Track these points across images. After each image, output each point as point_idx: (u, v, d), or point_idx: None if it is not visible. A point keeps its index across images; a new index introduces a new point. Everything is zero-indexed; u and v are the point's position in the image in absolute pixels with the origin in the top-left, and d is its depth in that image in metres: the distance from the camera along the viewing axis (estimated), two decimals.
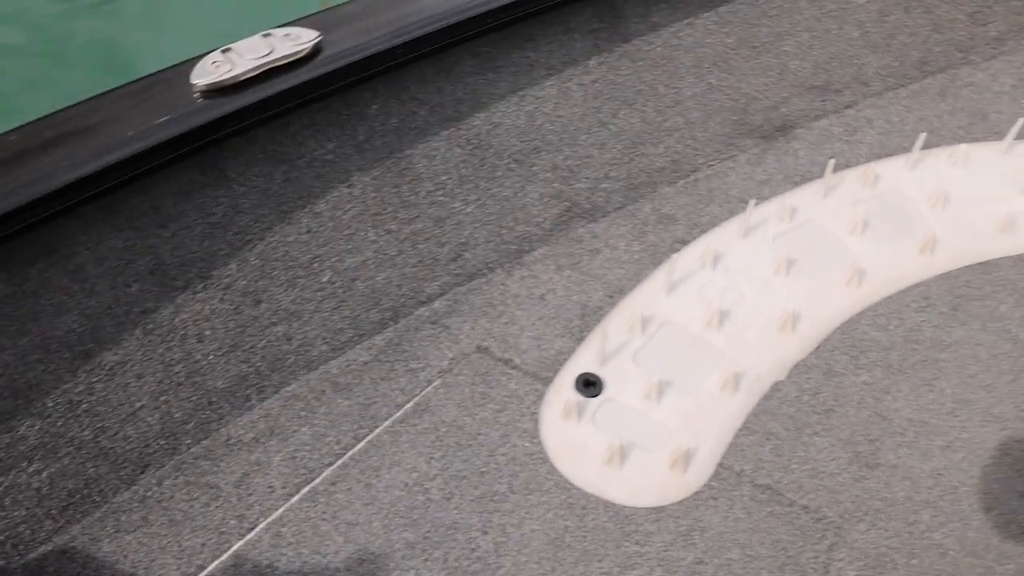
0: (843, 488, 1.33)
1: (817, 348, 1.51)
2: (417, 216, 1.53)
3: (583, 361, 1.48)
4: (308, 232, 1.45)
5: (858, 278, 1.57)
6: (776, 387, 1.46)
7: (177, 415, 1.37)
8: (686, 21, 1.74)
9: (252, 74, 1.29)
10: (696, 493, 1.34)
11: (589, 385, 1.45)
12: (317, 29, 1.34)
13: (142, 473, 1.36)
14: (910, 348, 1.50)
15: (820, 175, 1.77)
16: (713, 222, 1.70)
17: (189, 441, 1.38)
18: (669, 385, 1.44)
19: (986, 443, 1.38)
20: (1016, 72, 1.98)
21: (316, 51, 1.34)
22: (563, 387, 1.45)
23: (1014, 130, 1.79)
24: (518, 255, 1.61)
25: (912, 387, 1.46)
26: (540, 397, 1.45)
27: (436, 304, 1.56)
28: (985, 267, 1.63)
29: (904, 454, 1.37)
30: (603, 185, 1.68)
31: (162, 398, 1.35)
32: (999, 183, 1.75)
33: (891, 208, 1.72)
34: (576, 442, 1.39)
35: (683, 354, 1.50)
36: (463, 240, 1.57)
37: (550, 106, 1.64)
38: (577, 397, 1.43)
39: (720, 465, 1.37)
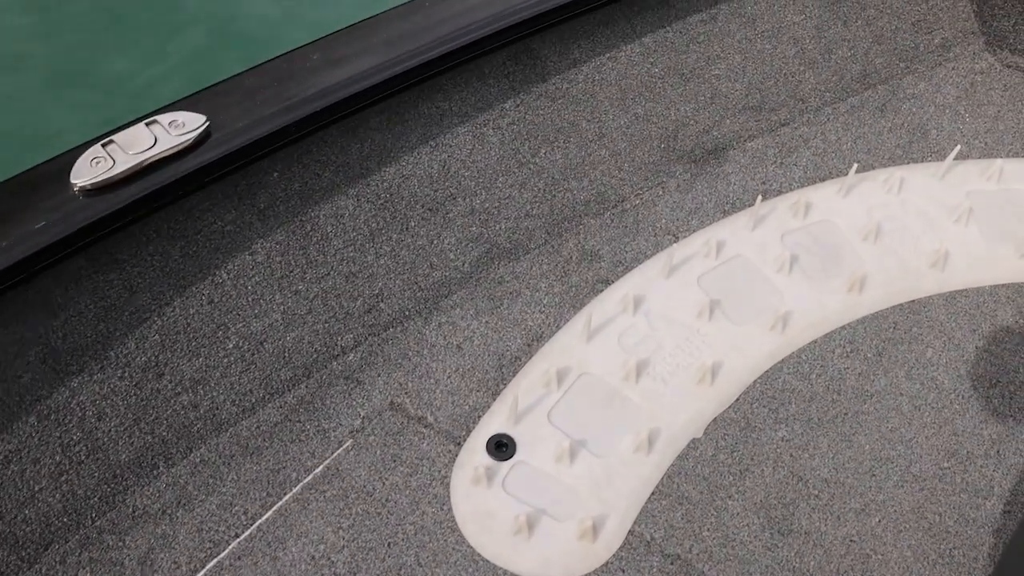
0: (754, 558, 1.32)
1: (737, 400, 1.48)
2: (327, 274, 1.48)
3: (496, 420, 1.44)
4: (210, 303, 1.40)
5: (782, 323, 1.54)
6: (693, 445, 1.44)
7: (80, 492, 1.33)
8: (608, 55, 1.66)
9: (135, 169, 1.21)
10: (605, 564, 1.33)
11: (501, 447, 1.42)
12: (205, 112, 1.26)
13: (45, 550, 1.33)
14: (831, 399, 1.48)
15: (752, 201, 1.72)
16: (638, 257, 1.65)
17: (94, 514, 1.34)
18: (582, 446, 1.42)
19: (902, 505, 1.37)
20: (961, 80, 1.92)
21: (204, 137, 1.26)
22: (475, 449, 1.42)
23: (950, 157, 1.74)
24: (436, 301, 1.56)
25: (831, 443, 1.44)
26: (452, 459, 1.42)
27: (350, 356, 1.51)
28: (914, 306, 1.60)
29: (817, 519, 1.35)
30: (524, 223, 1.62)
31: (63, 478, 1.32)
32: (933, 212, 1.71)
33: (821, 241, 1.68)
34: (485, 510, 1.36)
35: (599, 411, 1.47)
36: (377, 291, 1.52)
37: (464, 152, 1.57)
38: (488, 460, 1.40)
39: (631, 532, 1.35)
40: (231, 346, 1.42)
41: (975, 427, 1.45)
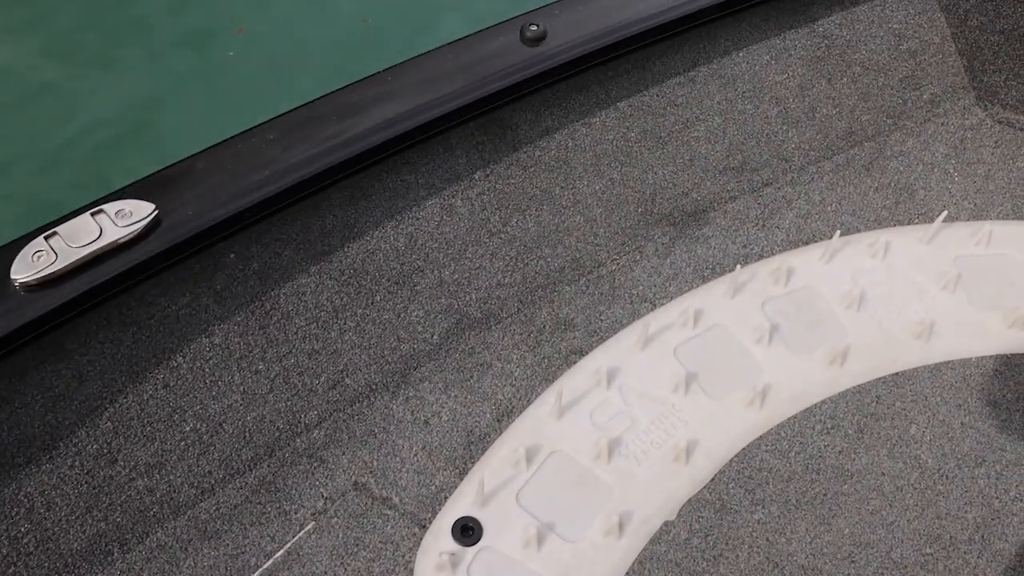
0: None
1: (712, 480, 1.43)
2: (288, 352, 1.44)
3: (463, 502, 1.40)
4: (165, 387, 1.36)
5: (760, 398, 1.49)
6: (666, 528, 1.39)
7: None
8: (582, 121, 1.62)
9: (79, 263, 1.18)
10: None
11: (467, 532, 1.38)
12: (154, 200, 1.22)
13: None
14: (810, 479, 1.43)
15: (732, 265, 1.68)
16: (614, 326, 1.61)
17: None
18: (551, 529, 1.37)
19: None
20: (950, 137, 1.88)
21: (153, 226, 1.23)
22: (440, 532, 1.37)
23: (938, 221, 1.69)
24: (404, 375, 1.52)
25: (809, 526, 1.38)
26: (417, 543, 1.37)
27: (315, 434, 1.47)
28: (898, 379, 1.55)
29: None
30: (496, 293, 1.58)
31: (10, 570, 1.27)
32: (920, 278, 1.66)
33: (803, 310, 1.63)
34: None
35: (569, 492, 1.42)
36: (342, 367, 1.48)
37: (432, 224, 1.53)
38: (453, 545, 1.36)
39: None
40: (188, 429, 1.38)
41: (959, 510, 1.39)
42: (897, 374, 1.56)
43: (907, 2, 1.83)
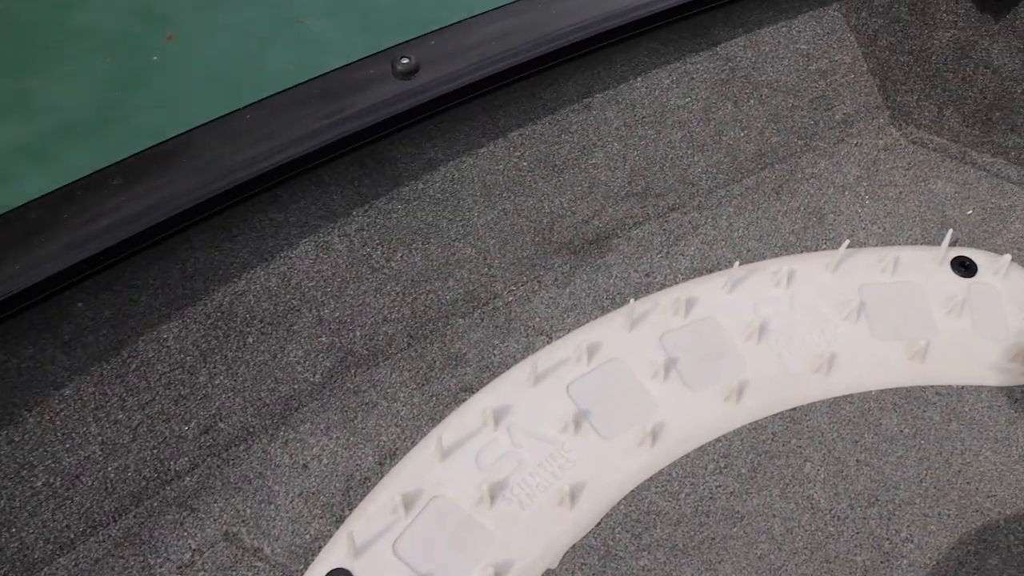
0: None
1: (598, 524, 1.38)
2: (151, 400, 1.37)
3: (337, 553, 1.34)
4: (10, 443, 1.29)
5: (651, 438, 1.44)
6: None
7: None
8: (469, 152, 1.57)
9: None
10: None
11: None
12: None
13: None
14: (699, 522, 1.38)
15: (633, 294, 1.63)
16: (507, 361, 1.56)
17: None
18: None
19: None
20: (863, 158, 1.84)
21: None
22: None
23: (843, 248, 1.65)
24: (284, 417, 1.46)
25: (695, 572, 1.34)
26: None
27: (185, 481, 1.41)
28: (795, 415, 1.51)
29: None
30: (383, 329, 1.53)
31: None
32: (823, 308, 1.62)
33: (702, 342, 1.59)
34: None
35: (448, 540, 1.37)
36: (213, 411, 1.42)
37: (307, 263, 1.47)
38: None
39: None
40: (40, 484, 1.31)
41: (848, 552, 1.35)
42: (795, 409, 1.51)
43: (814, 23, 1.78)
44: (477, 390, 1.52)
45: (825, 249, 1.71)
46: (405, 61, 1.35)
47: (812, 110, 1.84)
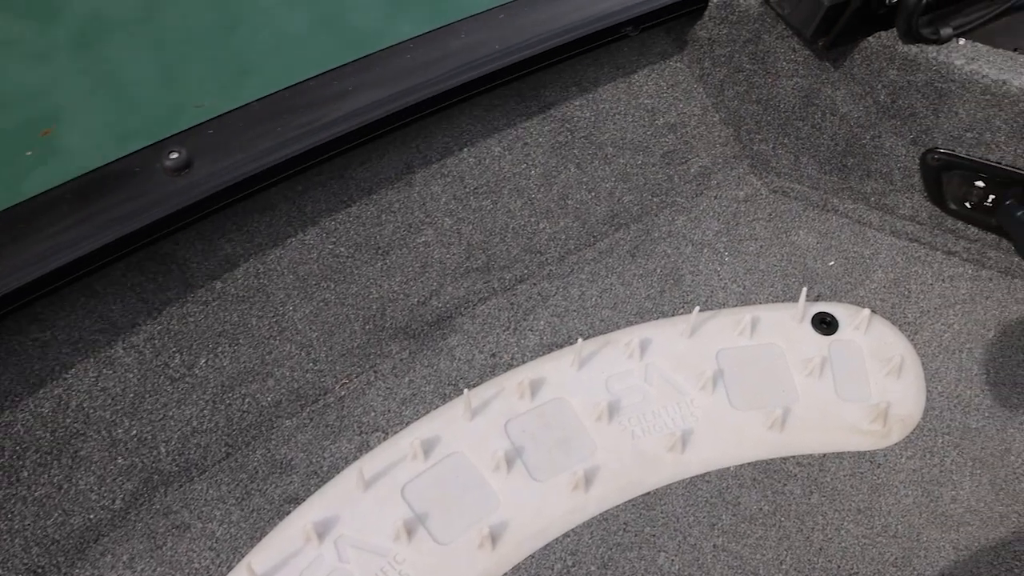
0: None
1: None
2: None
3: None
4: None
5: (491, 540, 1.32)
6: None
7: None
8: (274, 242, 1.45)
9: None
10: None
11: None
12: None
13: None
14: None
15: (478, 378, 1.51)
16: (338, 464, 1.43)
17: None
18: None
19: None
20: (723, 211, 1.75)
21: None
22: None
23: (694, 314, 1.55)
24: (79, 552, 1.31)
25: None
26: None
27: None
28: (649, 500, 1.40)
29: None
30: (194, 440, 1.39)
31: None
32: (679, 378, 1.52)
33: (550, 427, 1.47)
34: None
35: None
36: None
37: (87, 382, 1.33)
38: None
39: None
40: None
41: None
42: (649, 493, 1.41)
43: (656, 76, 1.70)
44: (303, 500, 1.39)
45: (683, 313, 1.61)
46: (175, 156, 1.23)
47: (665, 165, 1.75)
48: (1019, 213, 1.57)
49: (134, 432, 1.36)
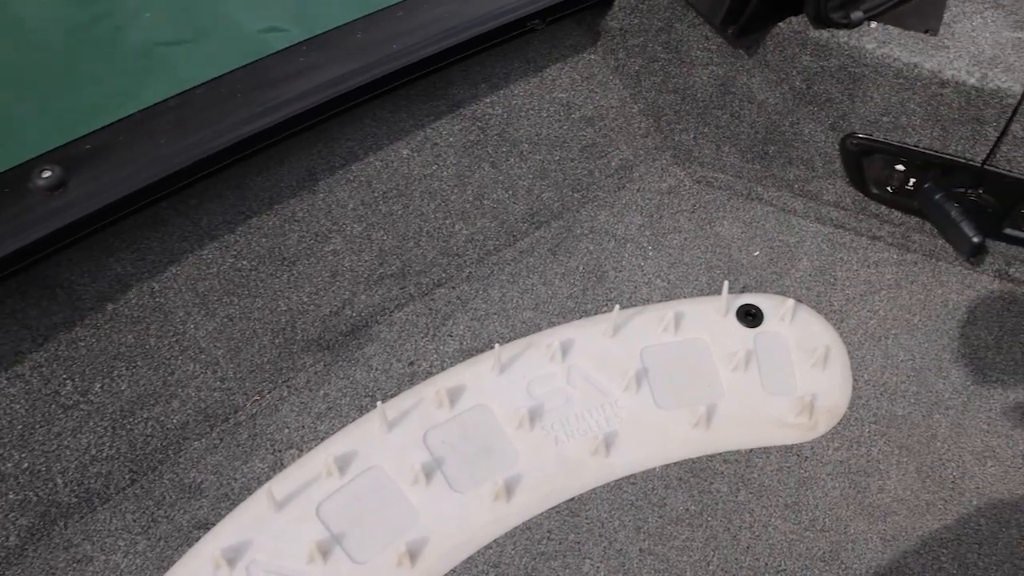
0: None
1: None
2: None
3: None
4: None
5: (409, 558, 1.27)
6: None
7: None
8: (167, 260, 1.38)
9: None
10: None
11: None
12: None
13: None
14: None
15: (396, 388, 1.46)
16: (249, 486, 1.37)
17: None
18: None
19: None
20: (646, 204, 1.71)
21: None
22: None
23: (615, 313, 1.52)
24: None
25: None
26: None
27: None
28: (573, 506, 1.36)
29: None
30: (94, 469, 1.32)
31: None
32: (602, 379, 1.48)
33: (471, 436, 1.43)
34: None
35: None
36: None
37: None
38: None
39: None
40: None
41: None
42: (572, 500, 1.37)
43: (569, 69, 1.66)
44: (213, 525, 1.33)
45: (607, 311, 1.58)
46: (47, 175, 1.16)
47: (584, 160, 1.71)
48: (937, 196, 1.56)
49: (25, 465, 1.29)
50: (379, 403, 1.39)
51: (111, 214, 1.21)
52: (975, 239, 1.51)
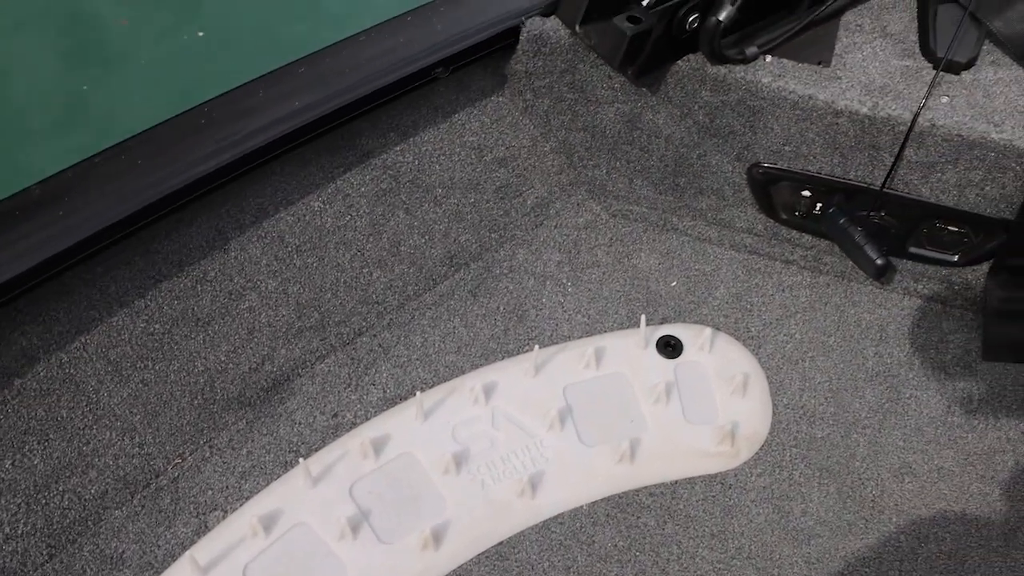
0: None
1: None
2: None
3: None
4: None
5: None
6: None
7: None
8: (74, 329, 1.36)
9: None
10: None
11: None
12: None
13: None
14: None
15: (320, 441, 1.45)
16: (173, 552, 1.35)
17: None
18: None
19: None
20: (564, 240, 1.73)
21: None
22: None
23: (535, 352, 1.53)
24: None
25: None
26: None
27: None
28: (502, 550, 1.36)
29: None
30: (8, 548, 1.29)
31: None
32: (525, 419, 1.49)
33: (397, 485, 1.43)
34: None
35: None
36: None
37: None
38: None
39: None
40: None
41: None
42: (501, 543, 1.37)
43: (479, 113, 1.68)
44: None
45: (528, 350, 1.59)
46: None
47: (500, 200, 1.73)
48: (841, 221, 1.60)
49: None
50: (301, 459, 1.38)
51: (10, 289, 1.19)
52: (879, 262, 1.55)
